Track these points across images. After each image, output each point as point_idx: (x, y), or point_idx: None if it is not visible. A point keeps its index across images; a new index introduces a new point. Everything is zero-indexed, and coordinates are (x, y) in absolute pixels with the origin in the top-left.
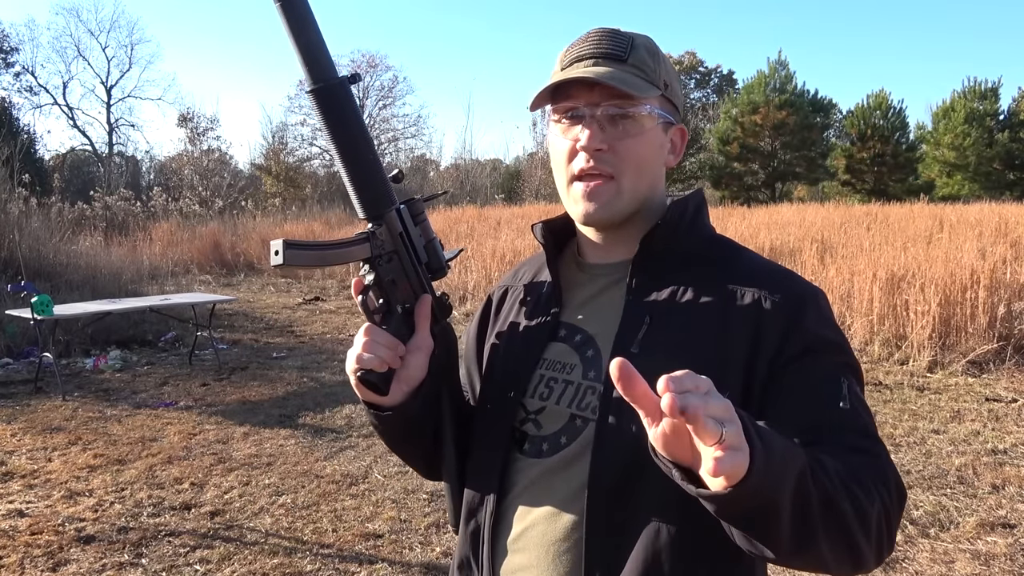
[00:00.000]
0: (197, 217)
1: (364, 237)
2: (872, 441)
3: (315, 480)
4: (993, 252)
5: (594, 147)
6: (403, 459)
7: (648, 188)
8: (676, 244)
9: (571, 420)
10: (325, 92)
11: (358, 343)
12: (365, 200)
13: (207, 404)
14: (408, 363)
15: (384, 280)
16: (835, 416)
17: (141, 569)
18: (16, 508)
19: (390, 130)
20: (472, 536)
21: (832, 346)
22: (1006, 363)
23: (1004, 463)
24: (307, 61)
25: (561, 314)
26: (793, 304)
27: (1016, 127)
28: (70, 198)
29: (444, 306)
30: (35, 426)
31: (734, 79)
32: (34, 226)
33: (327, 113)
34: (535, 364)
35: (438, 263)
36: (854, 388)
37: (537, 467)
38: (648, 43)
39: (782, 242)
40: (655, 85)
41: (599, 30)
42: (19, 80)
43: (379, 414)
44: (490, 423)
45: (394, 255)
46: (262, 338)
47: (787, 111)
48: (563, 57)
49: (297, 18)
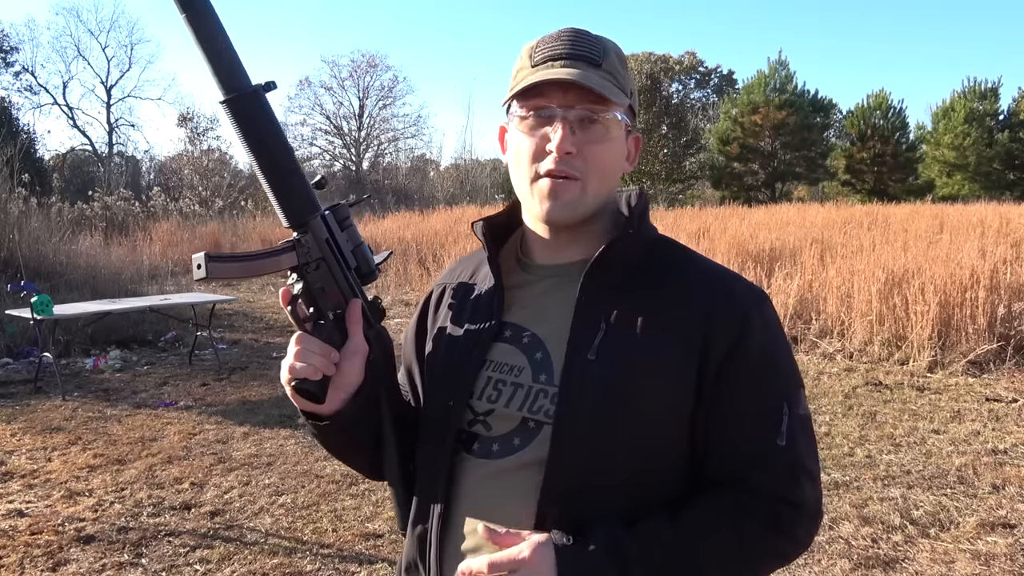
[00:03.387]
0: (197, 217)
1: (290, 245)
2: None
3: (315, 480)
4: (993, 252)
5: (566, 150)
6: (346, 463)
7: (607, 193)
8: (629, 250)
9: (523, 423)
10: (238, 102)
11: (290, 353)
12: (287, 208)
13: (207, 404)
14: (343, 369)
15: (313, 287)
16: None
17: (141, 569)
18: (16, 508)
19: (390, 130)
20: (420, 538)
21: (775, 369)
22: (1006, 363)
23: (1004, 463)
24: (217, 72)
25: (505, 314)
26: (740, 315)
27: (1016, 127)
28: (70, 198)
29: (377, 310)
30: (35, 426)
31: (734, 79)
32: (34, 226)
33: (241, 123)
34: (480, 365)
35: (368, 267)
36: (796, 412)
37: (488, 467)
38: (618, 50)
39: (782, 242)
40: (624, 92)
41: (572, 31)
42: (19, 80)
43: (317, 423)
44: (436, 424)
45: (322, 262)
46: (262, 338)
47: (787, 111)
48: (532, 54)
49: (205, 29)
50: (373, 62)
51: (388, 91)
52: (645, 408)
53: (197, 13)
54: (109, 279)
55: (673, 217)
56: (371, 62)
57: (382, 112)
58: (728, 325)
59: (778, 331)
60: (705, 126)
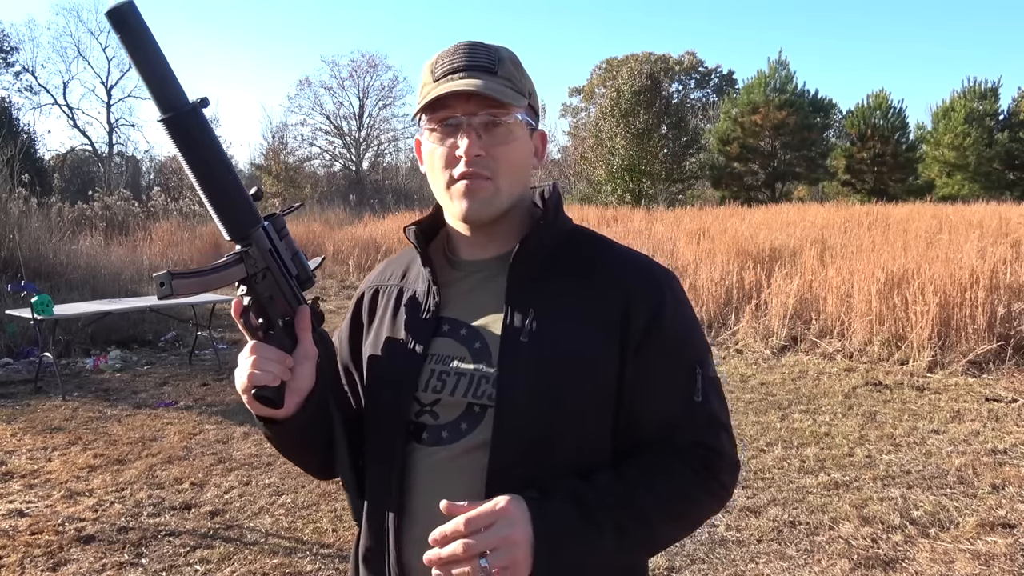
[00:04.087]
0: (197, 217)
1: (238, 258)
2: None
3: (315, 480)
4: (993, 252)
5: (474, 153)
6: (298, 465)
7: (520, 189)
8: (547, 240)
9: (468, 408)
10: (175, 121)
11: (246, 362)
12: (230, 222)
13: (207, 404)
14: (296, 374)
15: (262, 297)
16: (689, 412)
17: (141, 569)
18: (16, 508)
19: (390, 130)
20: (376, 528)
21: (687, 339)
22: (1006, 363)
23: (1004, 463)
24: (154, 91)
25: (441, 310)
26: (654, 294)
27: (1016, 127)
28: (70, 198)
29: (318, 313)
30: (35, 426)
31: (734, 79)
32: (34, 226)
33: (180, 141)
34: (423, 359)
35: (306, 274)
36: (707, 374)
37: (438, 454)
38: (512, 56)
39: (782, 242)
40: (522, 94)
41: (467, 44)
42: (19, 80)
43: (272, 426)
44: (384, 419)
45: (267, 272)
46: None
47: (787, 111)
48: (433, 69)
49: (141, 49)
50: (373, 62)
51: (388, 91)
52: (578, 384)
53: (132, 32)
54: (109, 279)
55: (673, 217)
56: (371, 62)
57: (382, 112)
58: (643, 303)
59: (687, 305)
60: (705, 126)
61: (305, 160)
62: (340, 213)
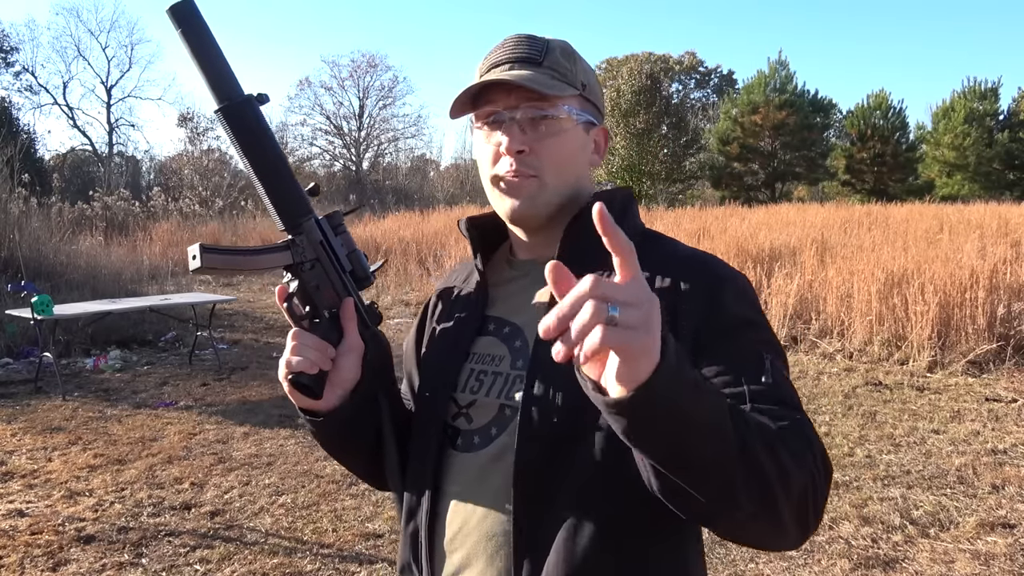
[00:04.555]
0: (197, 217)
1: (285, 245)
2: (796, 412)
3: (315, 480)
4: (993, 252)
5: (515, 149)
6: (344, 466)
7: (572, 186)
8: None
9: (500, 410)
10: (232, 110)
11: (287, 349)
12: (281, 212)
13: (207, 404)
14: (340, 366)
15: (308, 285)
16: (757, 390)
17: (141, 569)
18: (16, 508)
19: (390, 130)
20: (412, 538)
21: (752, 325)
22: (1006, 363)
23: (1004, 463)
24: (211, 82)
25: (489, 309)
26: (711, 286)
27: (1016, 127)
28: (70, 198)
29: (374, 314)
30: (35, 426)
31: (734, 79)
32: (34, 226)
33: (235, 131)
34: (464, 358)
35: (363, 272)
36: (776, 364)
37: (471, 461)
38: (564, 46)
39: (782, 242)
40: (572, 85)
41: (515, 36)
42: (19, 80)
43: (315, 419)
44: (424, 421)
45: (316, 262)
46: (262, 338)
47: (787, 111)
48: (481, 66)
49: (199, 41)
50: (373, 62)
51: (388, 91)
52: None
53: (191, 28)
54: (109, 279)
55: (673, 217)
56: (371, 62)
57: (382, 112)
58: (699, 298)
59: (754, 305)
60: (705, 126)
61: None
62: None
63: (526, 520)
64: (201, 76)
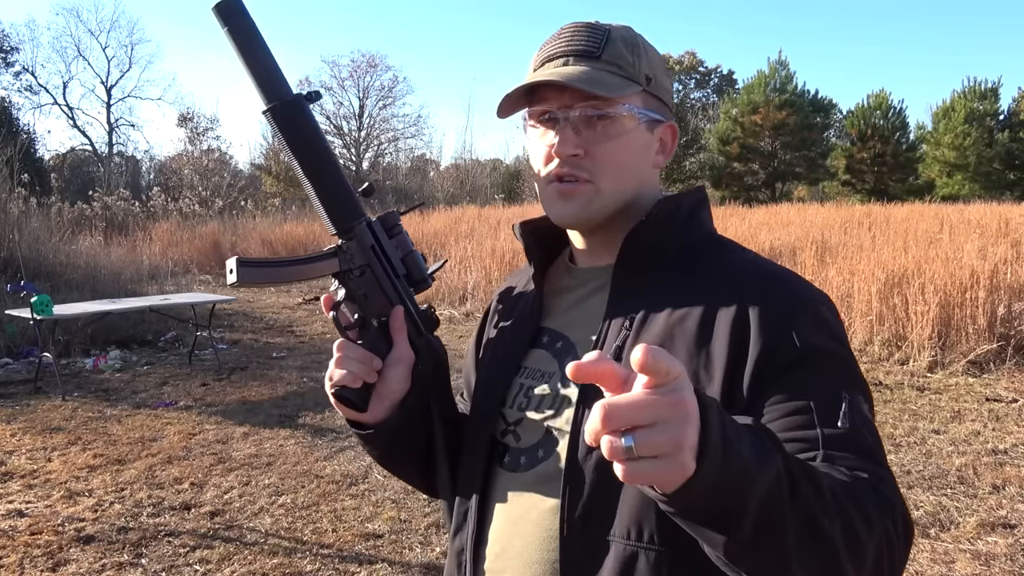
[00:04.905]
0: (197, 217)
1: (332, 252)
2: (875, 465)
3: (315, 480)
4: (993, 252)
5: (568, 153)
6: (398, 477)
7: (633, 190)
8: (663, 243)
9: (547, 432)
10: (281, 110)
11: (332, 360)
12: (332, 215)
13: (207, 404)
14: (387, 377)
15: (356, 294)
16: (831, 435)
17: (141, 569)
18: (16, 508)
19: (390, 130)
20: (457, 555)
21: (831, 358)
22: (1006, 363)
23: (1004, 463)
24: (259, 82)
25: (545, 319)
26: (785, 310)
27: (1016, 127)
28: (70, 198)
29: (430, 319)
30: (35, 426)
31: (734, 79)
32: (34, 226)
33: (284, 131)
34: (514, 371)
35: (420, 275)
36: (857, 406)
37: (516, 481)
38: (627, 34)
39: (782, 242)
40: (634, 81)
41: (572, 25)
42: (19, 80)
43: (362, 432)
44: (473, 436)
45: (366, 268)
46: (262, 338)
47: (787, 111)
48: (536, 57)
49: (246, 41)
50: (373, 62)
51: (388, 91)
52: None
53: (238, 26)
54: (109, 279)
55: None
56: (371, 62)
57: (382, 112)
58: (768, 323)
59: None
60: (705, 126)
61: None
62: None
63: (574, 549)
64: (248, 75)
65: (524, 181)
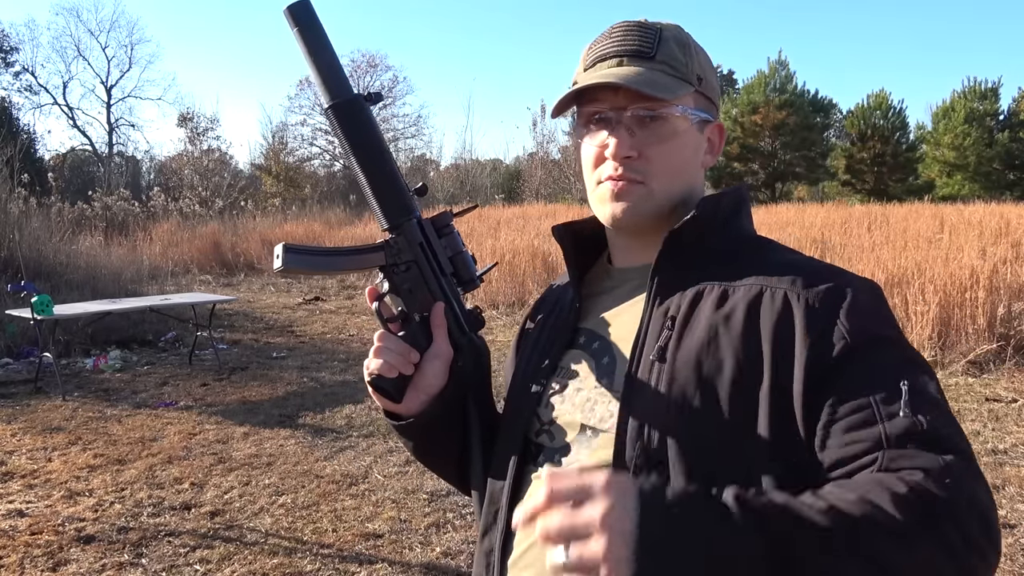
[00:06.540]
0: (197, 217)
1: (380, 245)
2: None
3: (315, 480)
4: (993, 252)
5: (623, 155)
6: (434, 471)
7: (684, 191)
8: (704, 242)
9: (582, 430)
10: (341, 108)
11: (372, 350)
12: (385, 210)
13: (207, 404)
14: (424, 371)
15: (401, 288)
16: (893, 433)
17: (141, 569)
18: (16, 508)
19: (390, 130)
20: (485, 556)
21: (882, 343)
22: (1006, 363)
23: (1004, 463)
24: (324, 80)
25: (583, 320)
26: (831, 299)
27: (1016, 127)
28: (70, 198)
29: (476, 319)
30: (35, 426)
31: (734, 79)
32: (34, 226)
33: (344, 128)
34: (551, 371)
35: (468, 275)
36: (919, 387)
37: None
38: (678, 34)
39: (782, 242)
40: (687, 82)
41: (624, 24)
42: (19, 80)
43: (397, 422)
44: (506, 435)
45: (412, 264)
46: (262, 338)
47: (787, 111)
48: (586, 55)
49: (314, 41)
50: (373, 62)
51: (388, 91)
52: (710, 412)
53: (308, 28)
54: (109, 279)
55: None
56: (371, 62)
57: (382, 112)
58: (814, 315)
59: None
60: None
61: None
62: (340, 213)
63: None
64: (314, 74)
65: (524, 181)
